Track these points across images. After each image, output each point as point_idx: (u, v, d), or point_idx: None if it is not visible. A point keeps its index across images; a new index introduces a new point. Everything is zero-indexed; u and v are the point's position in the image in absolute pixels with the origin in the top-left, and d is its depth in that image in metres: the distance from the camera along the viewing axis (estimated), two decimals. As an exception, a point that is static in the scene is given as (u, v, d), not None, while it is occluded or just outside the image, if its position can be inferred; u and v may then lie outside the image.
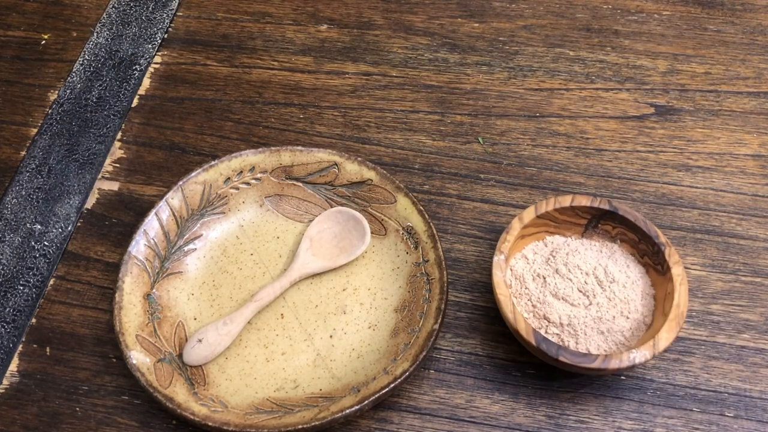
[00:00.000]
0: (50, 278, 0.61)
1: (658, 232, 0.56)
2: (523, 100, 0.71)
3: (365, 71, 0.74)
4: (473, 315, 0.59)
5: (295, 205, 0.62)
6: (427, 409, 0.54)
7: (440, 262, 0.56)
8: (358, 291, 0.59)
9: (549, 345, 0.51)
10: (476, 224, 0.63)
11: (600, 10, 0.78)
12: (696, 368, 0.56)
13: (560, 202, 0.57)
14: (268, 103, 0.71)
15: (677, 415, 0.54)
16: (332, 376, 0.55)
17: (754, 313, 0.58)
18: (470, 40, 0.76)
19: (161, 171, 0.67)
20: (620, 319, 0.54)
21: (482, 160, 0.67)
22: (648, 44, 0.75)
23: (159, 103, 0.72)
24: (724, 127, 0.69)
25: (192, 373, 0.54)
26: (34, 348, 0.58)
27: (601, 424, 0.54)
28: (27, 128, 0.70)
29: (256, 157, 0.62)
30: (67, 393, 0.56)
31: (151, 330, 0.55)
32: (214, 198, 0.61)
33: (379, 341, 0.56)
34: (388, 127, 0.69)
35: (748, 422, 0.54)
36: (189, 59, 0.75)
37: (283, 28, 0.77)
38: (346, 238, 0.60)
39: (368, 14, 0.78)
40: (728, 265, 0.61)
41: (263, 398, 0.54)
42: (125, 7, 0.79)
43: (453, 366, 0.56)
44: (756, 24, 0.77)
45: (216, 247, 0.61)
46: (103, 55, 0.75)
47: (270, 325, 0.57)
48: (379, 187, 0.61)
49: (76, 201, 0.65)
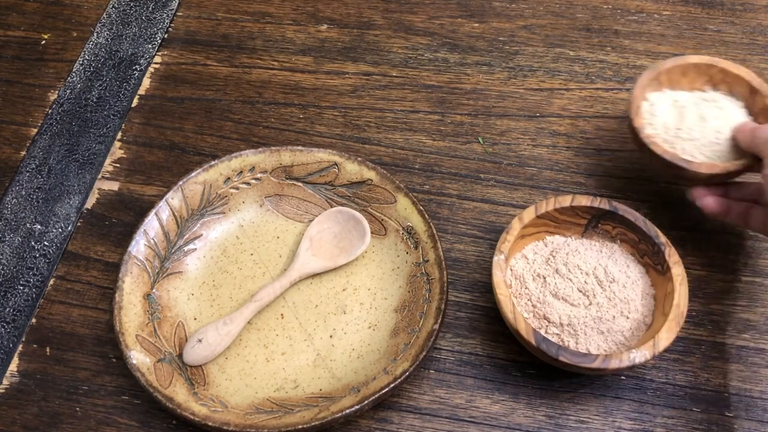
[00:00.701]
0: (50, 278, 0.61)
1: (658, 232, 0.56)
2: (523, 100, 0.71)
3: (365, 71, 0.74)
4: (473, 315, 0.59)
5: (295, 205, 0.62)
6: (427, 409, 0.55)
7: (440, 262, 0.56)
8: (358, 291, 0.59)
9: (549, 345, 0.51)
10: (476, 224, 0.63)
11: (600, 10, 0.78)
12: (696, 368, 0.56)
13: (560, 202, 0.57)
14: (268, 103, 0.72)
15: (677, 415, 0.54)
16: (332, 376, 0.55)
17: (754, 313, 0.58)
18: (470, 40, 0.76)
19: (161, 171, 0.67)
20: (620, 319, 0.54)
21: (482, 160, 0.67)
22: (648, 44, 0.75)
23: (159, 103, 0.72)
24: (724, 127, 0.69)
25: (192, 373, 0.54)
26: (34, 348, 0.58)
27: (601, 424, 0.54)
28: (27, 128, 0.70)
29: (256, 157, 0.62)
30: (67, 393, 0.56)
31: (151, 330, 0.55)
32: (214, 198, 0.61)
33: (379, 341, 0.56)
34: (388, 127, 0.69)
35: (748, 422, 0.54)
36: (189, 59, 0.75)
37: (283, 28, 0.77)
38: (346, 238, 0.60)
39: (368, 14, 0.78)
40: (728, 265, 0.61)
41: (263, 398, 0.54)
42: (125, 7, 0.79)
43: (453, 366, 0.56)
44: (756, 24, 0.77)
45: (216, 247, 0.61)
46: (103, 55, 0.75)
47: (270, 325, 0.57)
48: (379, 187, 0.61)
49: (76, 201, 0.65)
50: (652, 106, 0.60)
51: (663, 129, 0.58)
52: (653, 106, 0.60)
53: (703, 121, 0.58)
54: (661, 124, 0.59)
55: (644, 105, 0.60)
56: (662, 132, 0.58)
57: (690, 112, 0.58)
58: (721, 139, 0.57)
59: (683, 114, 0.58)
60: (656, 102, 0.60)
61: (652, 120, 0.59)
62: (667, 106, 0.59)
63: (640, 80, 0.60)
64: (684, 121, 0.58)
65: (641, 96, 0.59)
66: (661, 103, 0.60)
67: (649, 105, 0.60)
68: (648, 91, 0.60)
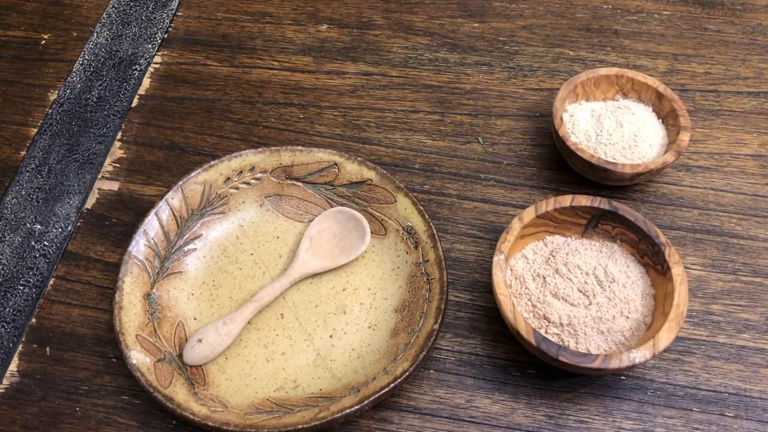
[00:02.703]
0: (50, 278, 0.61)
1: (658, 232, 0.56)
2: (523, 100, 0.71)
3: (365, 71, 0.74)
4: (473, 315, 0.59)
5: (295, 205, 0.62)
6: (427, 409, 0.55)
7: (440, 262, 0.56)
8: (358, 291, 0.59)
9: (549, 345, 0.51)
10: (476, 224, 0.63)
11: (600, 10, 0.78)
12: (696, 368, 0.56)
13: (560, 202, 0.57)
14: (268, 103, 0.71)
15: (677, 415, 0.54)
16: (332, 376, 0.55)
17: (754, 313, 0.58)
18: (470, 40, 0.76)
19: (161, 171, 0.67)
20: (620, 319, 0.54)
21: (482, 160, 0.67)
22: (648, 44, 0.75)
23: (159, 103, 0.72)
24: (724, 127, 0.69)
25: (192, 373, 0.54)
26: (34, 348, 0.58)
27: (601, 424, 0.54)
28: (27, 128, 0.70)
29: (256, 157, 0.62)
30: (67, 393, 0.56)
31: (151, 330, 0.55)
32: (214, 198, 0.61)
33: (379, 341, 0.56)
34: (388, 127, 0.69)
35: (748, 422, 0.54)
36: (189, 59, 0.75)
37: (283, 28, 0.77)
38: (346, 238, 0.60)
39: (368, 14, 0.78)
40: (728, 265, 0.61)
41: (263, 398, 0.54)
42: (125, 7, 0.79)
43: (453, 366, 0.56)
44: (756, 24, 0.77)
45: (216, 247, 0.61)
46: (103, 55, 0.75)
47: (270, 325, 0.57)
48: (379, 187, 0.61)
49: (76, 201, 0.65)
50: (572, 117, 0.65)
51: (585, 137, 0.64)
52: (573, 117, 0.65)
53: (621, 127, 0.64)
54: (582, 132, 0.64)
55: (565, 116, 0.65)
56: (584, 140, 0.64)
57: (607, 120, 0.64)
58: (638, 141, 0.63)
59: (601, 122, 0.64)
60: (575, 113, 0.65)
61: (573, 129, 0.64)
62: (586, 116, 0.65)
63: (558, 94, 0.65)
64: (603, 128, 0.63)
65: (561, 108, 0.64)
66: (580, 114, 0.65)
67: (569, 116, 0.65)
68: (566, 104, 0.65)
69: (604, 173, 0.61)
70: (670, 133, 0.64)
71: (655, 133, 0.64)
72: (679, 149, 0.61)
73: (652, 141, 0.63)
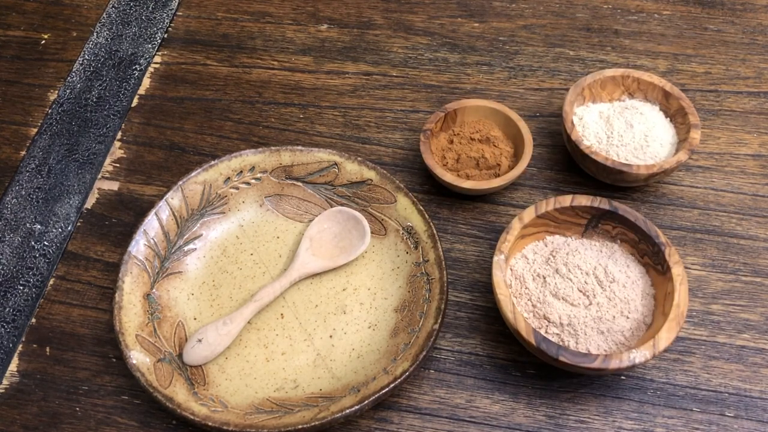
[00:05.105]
0: (50, 278, 0.61)
1: (658, 232, 0.56)
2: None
3: (365, 71, 0.74)
4: (473, 315, 0.59)
5: (295, 205, 0.62)
6: (427, 409, 0.55)
7: (440, 262, 0.56)
8: (358, 291, 0.59)
9: (549, 345, 0.51)
10: (476, 224, 0.63)
11: (600, 10, 0.78)
12: (696, 368, 0.56)
13: (560, 202, 0.57)
14: (268, 103, 0.71)
15: (677, 415, 0.54)
16: (332, 376, 0.55)
17: (754, 313, 0.58)
18: (470, 40, 0.76)
19: (161, 171, 0.67)
20: (620, 319, 0.54)
21: (482, 160, 0.67)
22: (648, 44, 0.75)
23: (159, 103, 0.72)
24: (724, 127, 0.69)
25: (192, 373, 0.54)
26: (34, 348, 0.58)
27: (601, 424, 0.54)
28: (27, 128, 0.70)
29: (256, 157, 0.62)
30: (67, 393, 0.56)
31: (151, 330, 0.55)
32: (214, 198, 0.61)
33: (379, 341, 0.56)
34: (388, 127, 0.69)
35: (748, 422, 0.54)
36: (189, 59, 0.75)
37: (283, 28, 0.77)
38: (346, 238, 0.60)
39: (368, 14, 0.78)
40: (728, 265, 0.61)
41: (263, 398, 0.54)
42: (125, 7, 0.79)
43: (453, 366, 0.56)
44: (756, 24, 0.77)
45: (216, 247, 0.61)
46: (103, 55, 0.75)
47: (270, 325, 0.57)
48: (379, 187, 0.61)
49: (76, 201, 0.65)
50: (582, 120, 0.65)
51: (596, 139, 0.63)
52: (582, 120, 0.65)
53: (631, 128, 0.63)
54: (593, 134, 0.64)
55: (574, 119, 0.64)
56: (596, 142, 0.63)
57: (616, 121, 0.64)
58: (649, 140, 0.63)
59: (611, 123, 0.64)
60: (584, 115, 0.65)
61: (584, 132, 0.64)
62: (595, 118, 0.65)
63: (567, 97, 0.64)
64: (613, 129, 0.63)
65: (571, 111, 0.64)
66: (589, 116, 0.65)
67: (578, 119, 0.65)
68: (575, 107, 0.65)
69: (619, 175, 0.61)
70: (680, 132, 0.64)
71: (665, 132, 0.64)
72: (691, 147, 0.61)
73: (663, 140, 0.63)
